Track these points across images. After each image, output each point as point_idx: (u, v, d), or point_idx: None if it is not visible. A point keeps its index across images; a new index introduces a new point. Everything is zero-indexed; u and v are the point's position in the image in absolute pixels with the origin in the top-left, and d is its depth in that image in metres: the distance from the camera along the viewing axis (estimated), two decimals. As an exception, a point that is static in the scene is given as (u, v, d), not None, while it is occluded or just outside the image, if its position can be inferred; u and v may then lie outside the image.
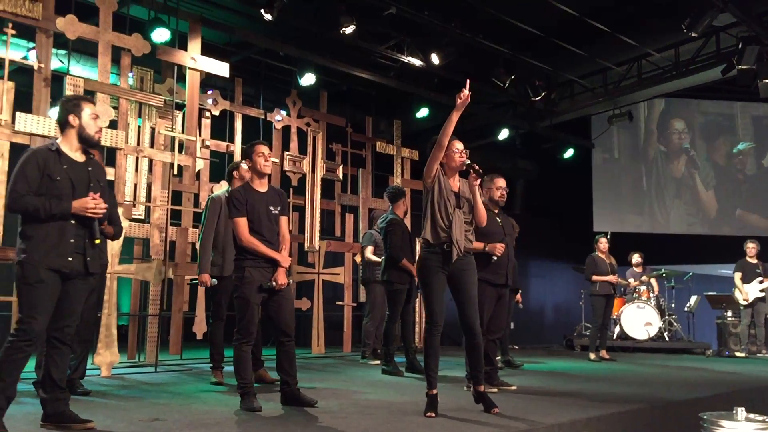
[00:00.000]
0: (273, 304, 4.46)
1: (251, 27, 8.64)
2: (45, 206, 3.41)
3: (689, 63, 9.99)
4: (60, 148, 3.60)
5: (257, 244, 4.36)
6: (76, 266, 3.52)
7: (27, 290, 3.41)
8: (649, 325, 10.23)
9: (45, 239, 3.44)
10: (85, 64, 8.45)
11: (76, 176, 3.57)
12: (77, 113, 3.63)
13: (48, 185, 3.47)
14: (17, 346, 3.37)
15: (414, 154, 10.18)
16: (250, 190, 4.47)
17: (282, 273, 4.41)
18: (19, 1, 5.89)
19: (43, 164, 3.48)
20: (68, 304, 3.54)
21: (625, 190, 14.09)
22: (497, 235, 5.49)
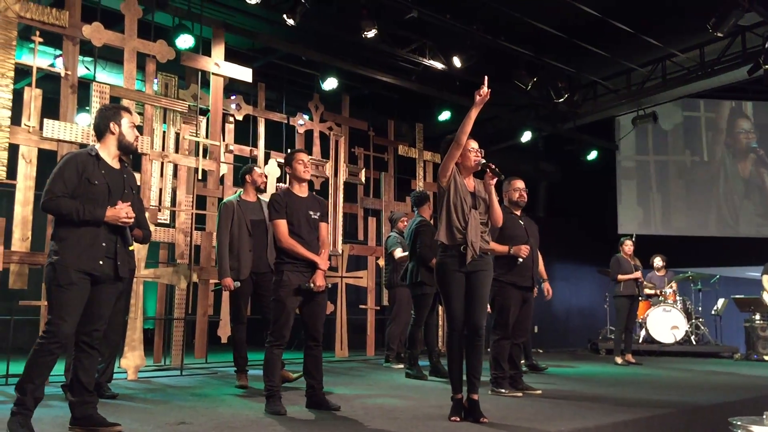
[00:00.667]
0: (308, 309, 4.51)
1: (274, 32, 8.69)
2: (78, 211, 3.46)
3: (715, 63, 9.88)
4: (99, 153, 3.67)
5: (296, 246, 4.42)
6: (106, 270, 3.56)
7: (57, 292, 3.44)
8: (675, 329, 10.11)
9: (78, 242, 3.49)
10: (111, 70, 8.56)
11: (113, 182, 3.64)
12: (117, 121, 3.71)
13: (86, 188, 3.54)
14: (46, 349, 3.40)
15: (436, 158, 10.17)
16: (291, 195, 4.57)
17: (320, 275, 4.45)
18: (46, 10, 5.98)
19: (82, 168, 3.55)
20: (97, 308, 3.58)
21: (651, 191, 13.93)
22: (521, 237, 5.46)
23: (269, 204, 4.59)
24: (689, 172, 13.85)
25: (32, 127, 5.83)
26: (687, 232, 13.60)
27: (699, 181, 13.79)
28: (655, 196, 13.88)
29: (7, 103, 5.68)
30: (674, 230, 13.66)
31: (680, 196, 13.80)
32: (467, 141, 4.22)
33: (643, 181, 13.88)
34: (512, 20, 8.61)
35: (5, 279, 5.64)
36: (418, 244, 6.44)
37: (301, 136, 8.88)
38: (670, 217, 13.80)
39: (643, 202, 13.86)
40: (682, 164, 13.88)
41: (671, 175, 13.86)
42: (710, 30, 7.97)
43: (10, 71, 5.72)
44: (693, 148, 13.88)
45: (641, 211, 13.84)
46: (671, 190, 13.84)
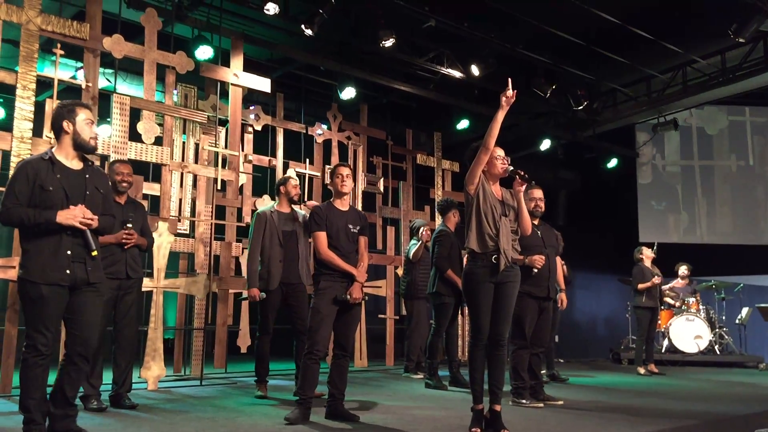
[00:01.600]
0: (342, 319, 4.53)
1: (292, 42, 8.73)
2: (28, 216, 3.35)
3: (736, 69, 9.77)
4: (54, 156, 3.51)
5: (334, 258, 4.47)
6: (78, 274, 3.45)
7: (30, 306, 3.39)
8: (698, 338, 9.97)
9: (40, 253, 3.39)
10: (131, 82, 8.65)
11: (71, 185, 3.48)
12: (71, 119, 3.54)
13: (41, 196, 3.40)
14: (31, 363, 3.37)
15: (455, 166, 10.15)
16: (331, 208, 4.64)
17: (357, 287, 4.49)
18: (67, 22, 6.05)
19: (33, 175, 3.41)
20: (82, 315, 3.48)
21: (672, 199, 13.79)
22: (537, 247, 5.40)
23: (310, 216, 4.67)
24: (709, 179, 13.70)
25: (53, 138, 5.87)
26: (709, 240, 13.44)
27: (723, 189, 13.63)
28: (678, 203, 13.74)
29: (29, 115, 5.74)
30: (696, 238, 13.50)
31: (703, 204, 13.65)
32: (494, 148, 4.17)
33: (664, 189, 13.75)
34: (530, 28, 8.58)
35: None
36: (435, 254, 6.42)
37: (319, 145, 8.90)
38: (692, 225, 13.65)
39: (661, 210, 13.72)
40: (707, 170, 13.74)
41: (693, 182, 13.72)
42: (731, 36, 7.90)
43: (32, 83, 5.78)
44: (708, 155, 13.73)
45: (661, 219, 13.70)
46: (694, 198, 13.69)
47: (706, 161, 13.73)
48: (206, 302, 6.92)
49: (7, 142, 5.63)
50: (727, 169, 13.67)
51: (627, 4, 8.50)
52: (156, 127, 6.49)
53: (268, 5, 7.27)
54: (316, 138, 8.89)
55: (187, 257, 7.34)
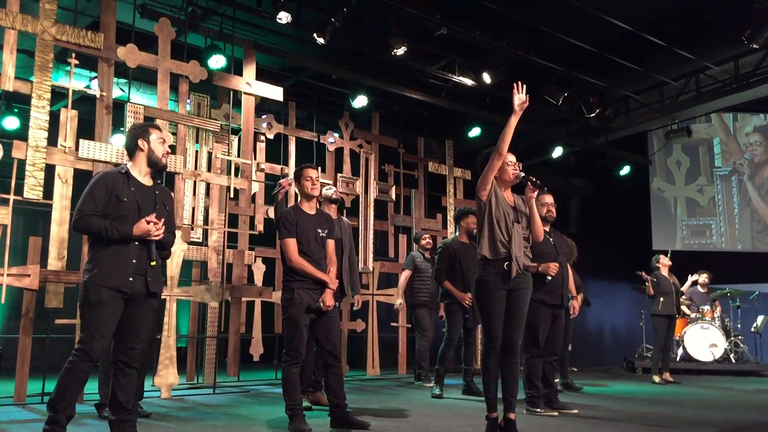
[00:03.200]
0: (320, 326, 4.49)
1: (304, 51, 8.76)
2: (108, 228, 3.51)
3: (750, 75, 9.70)
4: (129, 171, 3.72)
5: (306, 265, 4.41)
6: (137, 287, 3.59)
7: (89, 310, 3.49)
8: (714, 347, 9.87)
9: (109, 259, 3.53)
10: (145, 91, 8.70)
11: (143, 199, 3.68)
12: (146, 138, 3.75)
13: (115, 206, 3.58)
14: (78, 367, 3.44)
15: (467, 174, 10.14)
16: (300, 212, 4.55)
17: (329, 294, 4.44)
18: (82, 32, 6.09)
19: (111, 186, 3.60)
20: (133, 326, 3.61)
21: (685, 206, 13.71)
22: (550, 254, 5.36)
23: (278, 221, 4.58)
24: (726, 186, 13.61)
25: (68, 147, 5.92)
26: (728, 247, 13.34)
27: (739, 195, 13.53)
28: (687, 210, 13.66)
29: (44, 125, 5.78)
30: (714, 246, 13.41)
31: (719, 211, 13.56)
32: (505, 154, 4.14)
33: (675, 195, 13.68)
34: (542, 35, 8.57)
35: (41, 297, 5.71)
36: (434, 267, 6.49)
37: (331, 153, 8.91)
38: (711, 233, 13.55)
39: (674, 217, 13.64)
40: (710, 177, 13.66)
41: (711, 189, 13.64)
42: (745, 42, 7.86)
43: (47, 93, 5.83)
44: (722, 161, 13.65)
45: (675, 226, 13.61)
46: (711, 205, 13.60)
47: (727, 168, 13.65)
48: (219, 310, 6.93)
49: (23, 151, 5.68)
50: (742, 175, 13.58)
51: (639, 11, 8.47)
52: (169, 136, 6.51)
53: (281, 14, 7.30)
54: (328, 146, 8.90)
55: (200, 265, 7.36)
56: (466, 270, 6.26)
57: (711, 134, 13.70)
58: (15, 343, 5.63)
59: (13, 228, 5.67)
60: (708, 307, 10.17)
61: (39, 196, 5.72)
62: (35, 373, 5.76)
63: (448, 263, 6.42)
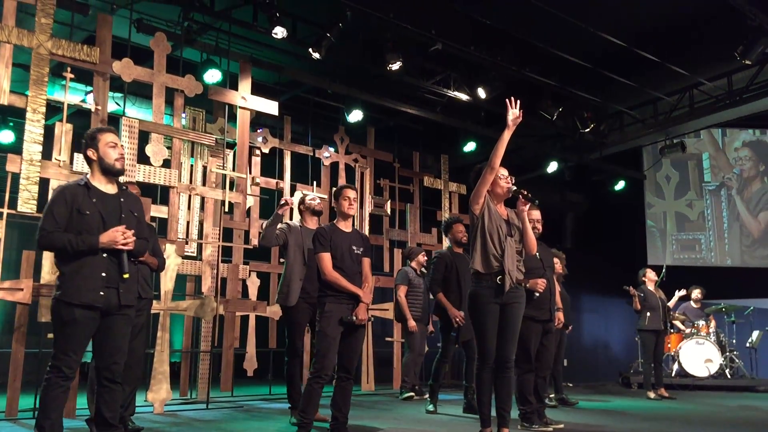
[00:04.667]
0: (346, 341, 4.49)
1: (300, 66, 8.80)
2: (72, 242, 3.42)
3: (743, 91, 9.76)
4: (89, 182, 3.61)
5: (340, 279, 4.44)
6: (111, 300, 3.50)
7: (61, 327, 3.45)
8: (709, 362, 9.86)
9: (77, 274, 3.45)
10: (140, 105, 8.71)
11: (107, 209, 3.56)
12: (94, 146, 3.62)
13: (78, 220, 3.49)
14: (53, 383, 3.41)
15: (462, 189, 10.15)
16: (335, 229, 4.60)
17: (363, 308, 4.46)
18: (78, 46, 6.10)
19: (71, 199, 3.50)
20: (111, 340, 3.54)
21: (674, 221, 13.74)
22: (537, 270, 5.32)
23: (314, 237, 4.63)
24: (719, 201, 13.65)
25: (62, 161, 5.92)
26: (718, 262, 13.36)
27: (732, 210, 13.58)
28: (682, 225, 13.69)
29: (39, 138, 5.78)
30: (704, 261, 13.42)
31: (713, 226, 13.59)
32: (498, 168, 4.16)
33: (670, 210, 13.71)
34: (537, 51, 8.61)
35: (34, 311, 5.68)
36: (429, 277, 6.43)
37: (326, 168, 8.92)
38: (701, 248, 13.58)
39: (669, 232, 13.66)
40: (703, 192, 13.71)
41: (703, 204, 13.68)
42: (738, 58, 7.90)
43: (42, 107, 5.83)
44: (717, 176, 13.71)
45: (669, 241, 13.64)
46: (704, 220, 13.63)
47: (716, 183, 13.71)
48: (213, 325, 6.90)
49: (17, 165, 5.67)
50: (730, 190, 13.64)
51: (633, 27, 8.54)
52: (164, 150, 6.52)
53: (276, 29, 7.33)
54: (324, 161, 8.91)
55: (194, 280, 7.33)
56: (462, 280, 6.17)
57: (700, 149, 13.77)
58: (7, 358, 5.59)
59: (6, 242, 5.64)
60: (703, 322, 10.17)
61: (33, 209, 5.70)
62: (27, 387, 5.72)
63: (443, 273, 6.34)
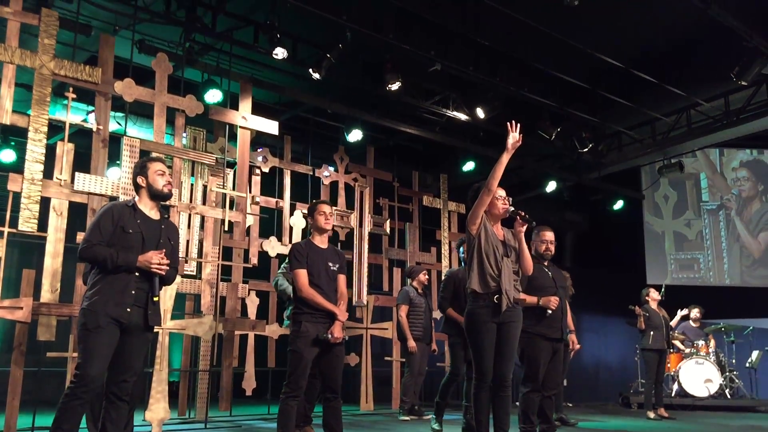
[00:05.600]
0: (325, 360, 4.46)
1: (300, 86, 8.86)
2: (112, 257, 3.58)
3: (740, 112, 9.82)
4: (136, 204, 3.84)
5: (316, 296, 4.43)
6: (134, 318, 3.64)
7: (85, 336, 3.53)
8: (709, 382, 9.83)
9: (109, 288, 3.59)
10: (141, 125, 8.76)
11: (148, 231, 3.78)
12: (144, 173, 3.88)
13: (120, 237, 3.68)
14: (74, 393, 3.46)
15: (461, 208, 10.18)
16: (311, 246, 4.59)
17: (338, 326, 4.43)
18: (80, 67, 6.16)
19: (118, 217, 3.71)
20: (127, 358, 3.64)
21: (673, 240, 13.76)
22: (549, 288, 5.35)
23: (290, 253, 4.63)
24: (718, 221, 13.68)
25: (64, 180, 5.95)
26: (717, 282, 13.36)
27: (731, 230, 13.61)
28: (681, 245, 13.71)
29: (40, 157, 5.82)
30: (703, 280, 13.43)
31: (712, 245, 13.61)
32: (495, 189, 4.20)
33: (669, 230, 13.74)
34: (535, 72, 8.69)
35: (33, 330, 5.68)
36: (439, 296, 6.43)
37: (326, 187, 8.95)
38: (699, 267, 13.59)
39: (668, 252, 13.68)
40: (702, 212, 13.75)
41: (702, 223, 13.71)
42: (734, 79, 7.97)
43: (44, 126, 5.87)
44: (717, 196, 13.75)
45: (668, 261, 13.65)
46: (704, 239, 13.65)
47: (715, 203, 13.74)
48: (212, 344, 6.89)
49: (18, 184, 5.70)
50: (729, 210, 13.68)
51: (631, 48, 8.63)
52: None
53: (277, 50, 7.39)
54: (323, 180, 8.95)
55: (194, 298, 7.34)
56: None
57: (698, 169, 13.82)
58: (6, 376, 5.58)
59: (6, 260, 5.66)
60: (702, 341, 10.16)
61: (33, 228, 5.72)
62: (26, 407, 5.70)
63: (453, 291, 6.36)
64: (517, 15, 7.37)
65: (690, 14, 7.74)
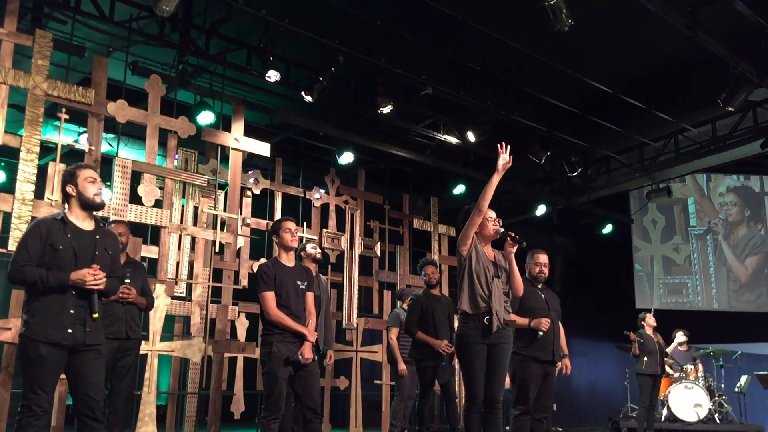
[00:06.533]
0: (300, 381, 4.46)
1: (292, 109, 8.90)
2: (42, 277, 3.38)
3: (727, 137, 9.95)
4: (66, 216, 3.58)
5: (284, 318, 4.42)
6: (78, 337, 3.44)
7: (28, 365, 3.39)
8: (698, 407, 9.82)
9: (45, 311, 3.41)
10: (132, 146, 8.76)
11: (81, 245, 3.52)
12: (73, 181, 3.60)
13: (51, 255, 3.45)
14: (24, 423, 3.34)
15: (451, 231, 10.19)
16: (279, 265, 4.57)
17: (308, 347, 4.43)
18: (73, 88, 6.17)
19: (46, 234, 3.48)
20: (84, 377, 3.47)
21: (661, 264, 13.83)
22: (541, 310, 5.35)
23: (257, 274, 4.58)
24: (706, 246, 13.78)
25: (54, 200, 5.93)
26: (705, 306, 13.42)
27: (719, 255, 13.70)
28: (669, 269, 13.79)
29: (32, 178, 5.80)
30: (691, 305, 13.48)
31: (701, 270, 13.69)
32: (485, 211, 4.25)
33: (657, 254, 13.82)
34: (526, 96, 8.78)
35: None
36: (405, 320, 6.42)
37: (317, 209, 8.95)
38: (687, 292, 13.65)
39: (657, 276, 13.74)
40: (691, 237, 13.85)
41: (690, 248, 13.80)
42: (721, 105, 8.06)
43: (36, 146, 5.86)
44: (704, 220, 13.87)
45: (657, 285, 13.71)
46: (692, 264, 13.74)
47: (702, 227, 13.85)
48: (201, 366, 6.84)
49: (9, 204, 5.68)
50: (717, 234, 13.79)
51: (620, 74, 8.75)
52: (156, 190, 6.55)
53: (270, 72, 7.44)
54: (314, 202, 8.95)
55: (183, 320, 7.29)
56: (437, 322, 6.19)
57: (685, 194, 13.93)
58: (-8, 399, 5.51)
59: (-5, 281, 5.63)
60: (691, 366, 10.17)
61: (24, 248, 5.68)
62: (12, 429, 5.62)
63: (419, 315, 6.35)
64: (508, 40, 7.47)
65: (678, 41, 7.85)
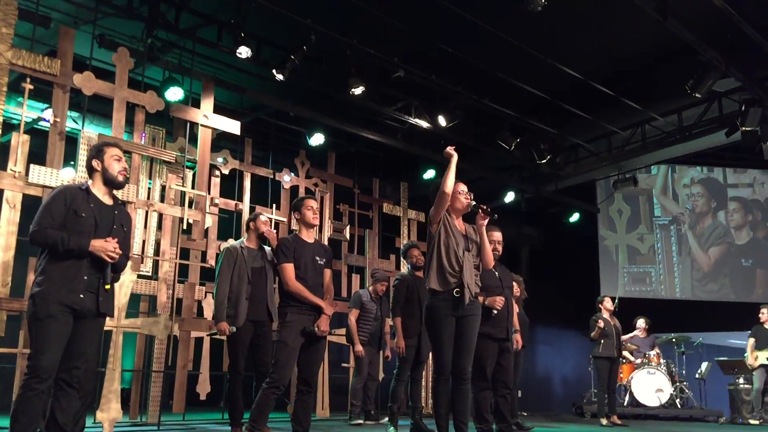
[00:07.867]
0: (307, 353, 4.47)
1: (263, 88, 8.81)
2: (63, 240, 3.45)
3: (692, 127, 10.09)
4: (90, 188, 3.71)
5: (302, 290, 4.45)
6: (87, 304, 3.52)
7: (37, 326, 3.41)
8: (660, 392, 10.01)
9: (60, 274, 3.47)
10: (98, 124, 8.58)
11: (101, 216, 3.66)
12: (100, 157, 3.75)
13: (72, 220, 3.55)
14: (29, 386, 3.34)
15: (420, 216, 10.21)
16: (299, 240, 4.61)
17: (325, 320, 4.47)
18: (38, 57, 6.03)
19: (70, 200, 3.58)
20: (79, 344, 3.52)
21: (626, 254, 14.03)
22: (496, 288, 5.35)
23: (277, 247, 4.65)
24: (669, 236, 14.01)
25: (18, 172, 5.79)
26: (668, 295, 13.65)
27: (682, 245, 13.94)
28: (634, 258, 13.99)
29: (-6, 148, 5.66)
30: (654, 293, 13.70)
31: (664, 260, 13.91)
32: (457, 184, 4.28)
33: (622, 243, 14.01)
34: (497, 82, 8.79)
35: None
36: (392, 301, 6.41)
37: (286, 191, 8.89)
38: (651, 281, 13.88)
39: (621, 265, 13.94)
40: (666, 227, 14.07)
41: (654, 238, 14.01)
42: (688, 91, 8.13)
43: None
44: (668, 211, 14.09)
45: (622, 274, 13.90)
46: (656, 254, 13.95)
47: (666, 218, 14.08)
48: (167, 345, 6.75)
49: (-30, 174, 5.54)
50: (682, 224, 14.03)
51: (591, 62, 8.82)
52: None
53: (241, 49, 7.35)
54: (284, 184, 8.89)
55: (149, 299, 7.19)
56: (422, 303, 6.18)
57: (651, 185, 14.14)
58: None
59: (-46, 253, 5.48)
60: (654, 352, 10.35)
61: (-15, 220, 5.55)
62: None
63: (405, 295, 6.34)
64: (482, 24, 7.47)
65: (648, 31, 7.96)
